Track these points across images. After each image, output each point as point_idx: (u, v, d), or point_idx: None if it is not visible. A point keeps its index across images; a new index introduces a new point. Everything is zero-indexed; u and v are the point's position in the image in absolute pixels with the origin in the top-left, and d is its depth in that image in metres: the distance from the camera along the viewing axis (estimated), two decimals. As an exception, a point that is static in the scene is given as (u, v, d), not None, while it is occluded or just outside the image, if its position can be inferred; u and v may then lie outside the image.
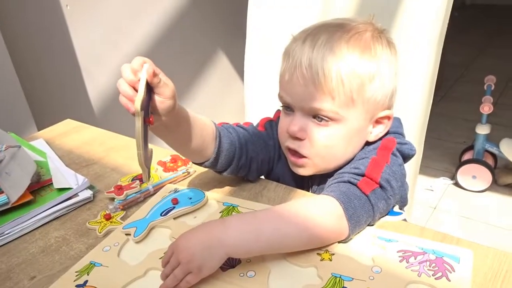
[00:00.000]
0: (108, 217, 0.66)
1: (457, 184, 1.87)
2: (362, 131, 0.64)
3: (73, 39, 1.36)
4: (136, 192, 0.71)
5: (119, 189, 0.71)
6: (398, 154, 0.64)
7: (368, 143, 0.66)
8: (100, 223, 0.65)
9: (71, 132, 0.98)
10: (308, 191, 0.71)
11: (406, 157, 0.66)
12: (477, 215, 1.72)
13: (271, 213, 0.55)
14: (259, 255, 0.54)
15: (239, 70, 1.90)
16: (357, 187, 0.57)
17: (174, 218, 0.65)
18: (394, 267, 0.52)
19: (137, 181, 0.74)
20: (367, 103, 0.61)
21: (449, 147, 2.12)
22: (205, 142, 0.64)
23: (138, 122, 0.52)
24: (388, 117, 0.65)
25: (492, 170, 1.80)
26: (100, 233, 0.63)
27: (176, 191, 0.70)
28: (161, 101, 0.54)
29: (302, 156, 0.65)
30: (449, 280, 0.49)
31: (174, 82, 0.57)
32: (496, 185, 1.83)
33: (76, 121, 1.04)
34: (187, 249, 0.51)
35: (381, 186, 0.58)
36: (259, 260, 0.55)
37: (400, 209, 0.67)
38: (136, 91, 0.51)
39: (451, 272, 0.50)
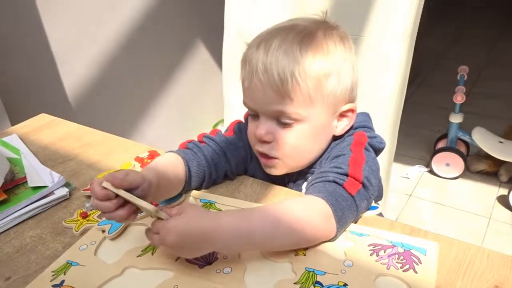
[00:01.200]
0: (84, 215, 0.66)
1: (431, 171, 1.93)
2: (327, 126, 0.66)
3: (47, 29, 1.33)
4: (113, 189, 0.71)
5: (96, 186, 0.71)
6: (370, 148, 0.66)
7: (336, 138, 0.68)
8: (77, 221, 0.65)
9: (46, 127, 0.97)
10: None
11: (376, 150, 0.68)
12: (449, 201, 1.77)
13: (264, 214, 0.55)
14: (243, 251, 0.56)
15: (218, 60, 1.89)
16: (343, 188, 0.58)
17: (151, 216, 0.65)
18: (364, 261, 0.54)
19: (114, 178, 0.74)
20: (326, 99, 0.63)
21: (425, 135, 2.18)
22: (181, 180, 0.67)
23: (162, 216, 0.52)
24: (351, 110, 0.67)
25: (464, 157, 1.85)
26: (76, 231, 0.63)
27: None
28: (140, 188, 0.55)
29: (272, 158, 0.66)
30: (416, 272, 0.51)
31: (151, 73, 0.58)
32: (468, 172, 1.89)
33: (51, 115, 1.03)
34: (177, 241, 0.50)
35: (363, 186, 0.59)
36: (235, 256, 0.56)
37: (376, 202, 0.69)
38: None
39: (418, 264, 0.52)
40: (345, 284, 0.50)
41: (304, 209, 0.56)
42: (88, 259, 0.58)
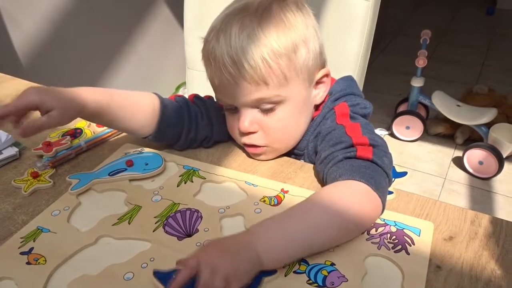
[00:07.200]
0: (35, 175, 0.63)
1: (392, 134, 1.98)
2: (308, 99, 0.64)
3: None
4: (67, 149, 0.68)
5: (48, 145, 0.67)
6: (355, 116, 0.63)
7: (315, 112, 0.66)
8: (27, 181, 0.62)
9: (-7, 85, 0.91)
10: None
11: (362, 117, 0.64)
12: (408, 163, 1.83)
13: (296, 210, 0.49)
14: (295, 259, 0.47)
15: (180, 20, 1.82)
16: (358, 158, 0.54)
17: (130, 180, 0.61)
18: (355, 240, 0.50)
19: (68, 137, 0.70)
20: (301, 72, 0.60)
21: (387, 99, 2.21)
22: (140, 120, 0.63)
23: None
24: (326, 75, 0.65)
25: (424, 120, 1.90)
26: (25, 192, 0.60)
27: (140, 152, 0.66)
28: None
29: (261, 146, 0.64)
30: (408, 254, 0.48)
31: (110, 33, 0.53)
32: (426, 135, 1.96)
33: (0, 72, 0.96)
34: (214, 257, 0.42)
35: (373, 146, 0.55)
36: (217, 229, 0.52)
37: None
38: None
39: (410, 246, 0.49)
40: (333, 264, 0.47)
41: (339, 193, 0.50)
42: (60, 226, 0.53)
